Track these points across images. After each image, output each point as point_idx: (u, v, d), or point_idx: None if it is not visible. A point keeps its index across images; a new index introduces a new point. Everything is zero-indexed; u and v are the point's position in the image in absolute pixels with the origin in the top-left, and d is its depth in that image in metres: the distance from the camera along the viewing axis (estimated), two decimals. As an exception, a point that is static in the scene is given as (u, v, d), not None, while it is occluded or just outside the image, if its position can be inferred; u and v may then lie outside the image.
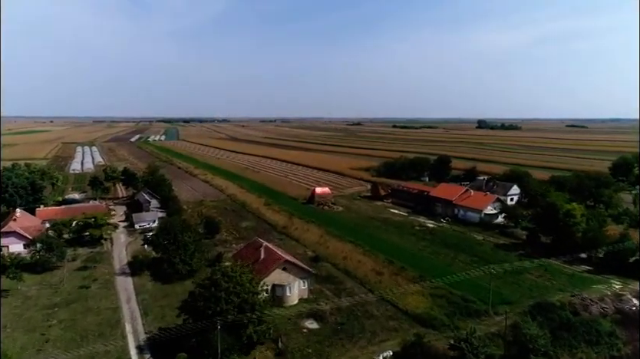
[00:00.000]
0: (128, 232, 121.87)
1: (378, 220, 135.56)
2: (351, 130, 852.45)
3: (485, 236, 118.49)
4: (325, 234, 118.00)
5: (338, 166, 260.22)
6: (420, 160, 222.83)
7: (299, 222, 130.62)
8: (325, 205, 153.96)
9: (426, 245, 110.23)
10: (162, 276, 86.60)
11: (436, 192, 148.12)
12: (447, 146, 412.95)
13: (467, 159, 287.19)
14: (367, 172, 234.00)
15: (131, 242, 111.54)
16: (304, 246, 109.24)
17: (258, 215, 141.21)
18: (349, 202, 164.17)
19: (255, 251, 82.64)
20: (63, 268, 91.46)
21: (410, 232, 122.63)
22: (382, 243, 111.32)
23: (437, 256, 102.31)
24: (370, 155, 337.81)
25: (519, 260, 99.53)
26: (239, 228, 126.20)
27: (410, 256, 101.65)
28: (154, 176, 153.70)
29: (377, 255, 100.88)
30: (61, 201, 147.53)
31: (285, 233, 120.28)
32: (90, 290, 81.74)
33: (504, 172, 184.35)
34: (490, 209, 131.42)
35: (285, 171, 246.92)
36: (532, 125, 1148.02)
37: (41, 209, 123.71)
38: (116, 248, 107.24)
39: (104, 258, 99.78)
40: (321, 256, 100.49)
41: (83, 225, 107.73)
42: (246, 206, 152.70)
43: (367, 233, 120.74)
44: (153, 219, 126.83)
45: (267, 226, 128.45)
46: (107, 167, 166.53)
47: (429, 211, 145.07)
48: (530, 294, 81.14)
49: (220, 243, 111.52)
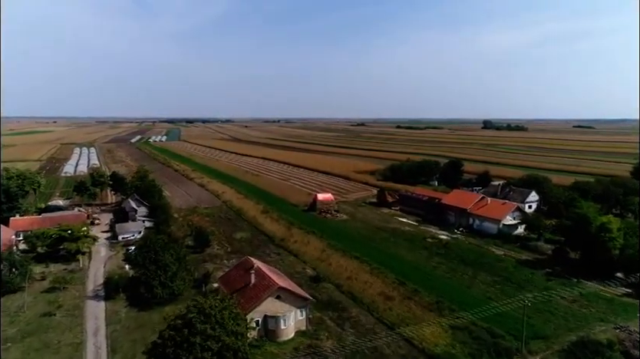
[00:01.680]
0: (110, 244, 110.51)
1: (386, 231, 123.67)
2: (355, 131, 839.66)
3: (505, 251, 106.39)
4: (327, 247, 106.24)
5: (341, 168, 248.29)
6: (428, 163, 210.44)
7: (299, 232, 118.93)
8: (328, 213, 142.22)
9: (440, 262, 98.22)
10: (139, 301, 75.26)
11: (448, 199, 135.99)
12: (453, 148, 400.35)
13: (477, 162, 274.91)
14: (372, 176, 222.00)
15: (112, 257, 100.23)
16: (303, 262, 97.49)
17: (254, 224, 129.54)
18: (354, 209, 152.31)
19: (245, 273, 70.98)
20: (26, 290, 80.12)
21: (421, 245, 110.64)
22: (391, 259, 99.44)
23: (453, 275, 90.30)
24: (375, 157, 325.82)
25: (548, 280, 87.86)
26: (233, 240, 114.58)
27: (423, 276, 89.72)
28: (143, 181, 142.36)
29: (386, 274, 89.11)
30: (44, 208, 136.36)
31: (283, 246, 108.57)
32: (53, 319, 70.35)
33: (521, 177, 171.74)
34: (509, 219, 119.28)
35: (286, 174, 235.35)
36: (537, 126, 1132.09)
37: (16, 219, 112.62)
38: (93, 265, 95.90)
39: (78, 277, 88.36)
40: (322, 275, 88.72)
41: (57, 238, 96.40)
42: (242, 214, 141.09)
43: (374, 247, 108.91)
44: (138, 229, 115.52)
45: (263, 238, 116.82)
46: (94, 171, 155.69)
47: (441, 220, 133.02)
48: (567, 326, 69.28)
49: (210, 258, 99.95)
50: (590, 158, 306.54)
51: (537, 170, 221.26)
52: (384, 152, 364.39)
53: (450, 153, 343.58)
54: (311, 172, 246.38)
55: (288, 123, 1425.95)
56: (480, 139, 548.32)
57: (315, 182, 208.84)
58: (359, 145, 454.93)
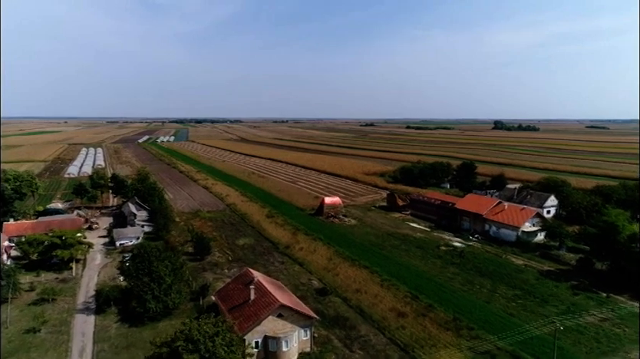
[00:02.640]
0: (107, 250, 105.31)
1: (397, 237, 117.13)
2: (364, 131, 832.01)
3: (525, 260, 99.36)
4: (335, 256, 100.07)
5: (350, 170, 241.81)
6: (440, 165, 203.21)
7: (305, 239, 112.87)
8: (335, 218, 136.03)
9: (456, 273, 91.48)
10: (131, 315, 69.68)
11: (463, 204, 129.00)
12: (464, 149, 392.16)
13: (490, 164, 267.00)
14: (382, 178, 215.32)
15: (107, 265, 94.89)
16: (309, 272, 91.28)
17: (258, 229, 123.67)
18: (363, 213, 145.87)
19: (245, 288, 65.09)
20: (13, 302, 75.09)
21: (435, 253, 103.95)
22: (403, 269, 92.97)
23: (470, 288, 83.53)
24: (384, 158, 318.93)
25: (574, 294, 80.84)
26: (235, 246, 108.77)
27: (438, 288, 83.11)
28: (144, 184, 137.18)
29: (398, 286, 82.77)
30: (42, 211, 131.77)
31: (287, 254, 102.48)
32: (37, 336, 64.94)
33: (538, 180, 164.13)
34: (528, 226, 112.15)
35: (293, 176, 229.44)
36: (549, 126, 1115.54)
37: (9, 224, 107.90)
38: (87, 273, 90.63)
39: (69, 287, 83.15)
40: (329, 287, 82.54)
41: (49, 245, 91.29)
42: (246, 218, 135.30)
43: (385, 255, 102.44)
44: (137, 235, 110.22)
45: (268, 244, 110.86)
46: (95, 173, 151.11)
47: (455, 226, 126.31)
48: (599, 348, 62.39)
49: (210, 267, 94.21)
50: (608, 159, 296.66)
51: (554, 172, 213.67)
52: (394, 153, 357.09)
53: (461, 154, 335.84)
54: (318, 173, 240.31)
55: (296, 124, 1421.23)
56: (491, 139, 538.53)
57: (323, 184, 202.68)
58: (368, 146, 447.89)
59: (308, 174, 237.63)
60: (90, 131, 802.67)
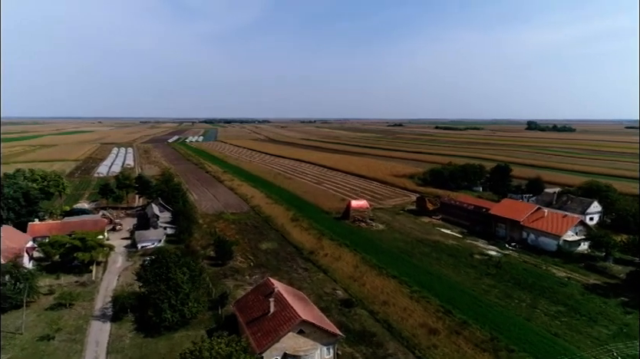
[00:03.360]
0: (129, 253, 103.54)
1: (427, 244, 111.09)
2: (392, 132, 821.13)
3: (568, 272, 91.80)
4: (361, 263, 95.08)
5: (378, 172, 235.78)
6: (472, 168, 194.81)
7: (330, 244, 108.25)
8: (362, 222, 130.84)
9: (492, 285, 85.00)
10: (147, 324, 66.69)
11: (498, 209, 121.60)
12: (497, 150, 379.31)
13: (524, 166, 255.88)
14: (411, 180, 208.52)
15: (127, 268, 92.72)
16: (334, 281, 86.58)
17: (282, 233, 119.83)
18: (391, 217, 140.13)
19: (264, 299, 61.03)
20: (30, 306, 73.56)
21: (468, 262, 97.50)
22: (434, 280, 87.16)
23: (508, 303, 77.01)
24: (413, 159, 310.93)
25: (625, 313, 73.35)
26: (258, 251, 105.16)
27: (472, 302, 77.01)
28: (168, 185, 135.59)
29: (429, 298, 77.15)
30: (69, 211, 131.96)
31: (311, 260, 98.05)
32: (51, 344, 62.66)
33: (579, 185, 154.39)
34: (571, 235, 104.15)
35: (319, 177, 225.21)
36: (586, 126, 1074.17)
37: (34, 224, 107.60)
38: (106, 277, 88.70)
39: (87, 291, 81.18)
40: (355, 298, 77.74)
41: (70, 247, 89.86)
42: (270, 221, 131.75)
43: (414, 264, 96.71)
44: (159, 237, 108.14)
45: (291, 249, 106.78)
46: (120, 173, 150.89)
47: (489, 233, 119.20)
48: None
49: (231, 273, 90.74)
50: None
51: (594, 176, 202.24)
52: (423, 154, 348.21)
53: (493, 155, 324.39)
54: (345, 175, 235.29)
55: (324, 124, 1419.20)
56: (524, 140, 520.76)
57: (350, 186, 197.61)
58: (396, 146, 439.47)
59: (334, 175, 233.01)
60: (123, 131, 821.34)
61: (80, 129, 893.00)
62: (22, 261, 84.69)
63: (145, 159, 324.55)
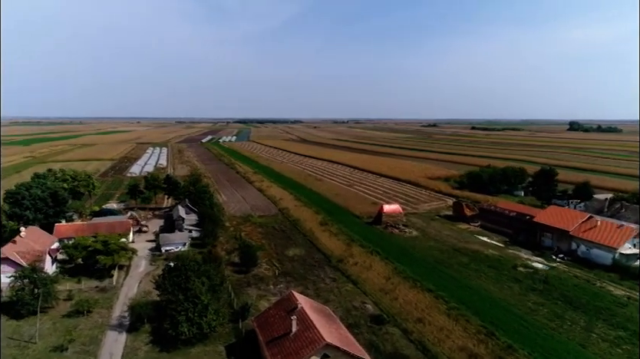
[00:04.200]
0: (152, 257, 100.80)
1: (465, 253, 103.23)
2: (426, 132, 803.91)
3: (626, 290, 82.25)
4: (394, 274, 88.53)
5: (411, 174, 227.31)
6: (513, 171, 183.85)
7: (360, 252, 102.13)
8: (395, 228, 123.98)
9: (539, 302, 76.77)
10: (164, 336, 62.68)
11: (544, 217, 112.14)
12: (538, 152, 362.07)
13: (568, 169, 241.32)
14: (446, 183, 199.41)
15: (149, 273, 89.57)
16: (363, 293, 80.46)
17: (310, 238, 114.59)
18: (425, 223, 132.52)
19: (287, 316, 55.80)
20: (48, 313, 71.19)
21: (511, 275, 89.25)
22: (474, 295, 79.69)
23: (559, 324, 68.80)
24: (448, 161, 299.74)
25: (698, 341, 63.78)
26: (284, 258, 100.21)
27: (518, 322, 69.24)
28: (195, 186, 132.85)
29: (469, 317, 69.86)
30: (97, 211, 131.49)
31: (340, 269, 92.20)
32: (63, 355, 59.51)
33: (633, 191, 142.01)
34: (628, 247, 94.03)
35: (351, 179, 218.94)
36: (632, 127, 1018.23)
37: (61, 225, 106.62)
38: (127, 282, 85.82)
39: (107, 297, 78.36)
40: (386, 313, 71.45)
41: (93, 250, 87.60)
42: (298, 225, 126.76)
43: (451, 276, 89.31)
44: (183, 241, 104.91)
45: (319, 256, 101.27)
46: (149, 174, 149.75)
47: (533, 242, 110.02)
48: None
49: (255, 281, 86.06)
50: None
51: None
52: (459, 155, 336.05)
53: (534, 157, 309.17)
54: (377, 177, 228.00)
55: (356, 124, 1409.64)
56: (568, 142, 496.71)
57: (382, 189, 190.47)
58: (431, 147, 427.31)
59: (366, 177, 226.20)
60: (159, 131, 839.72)
61: (119, 129, 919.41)
62: (43, 264, 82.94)
63: (178, 159, 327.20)
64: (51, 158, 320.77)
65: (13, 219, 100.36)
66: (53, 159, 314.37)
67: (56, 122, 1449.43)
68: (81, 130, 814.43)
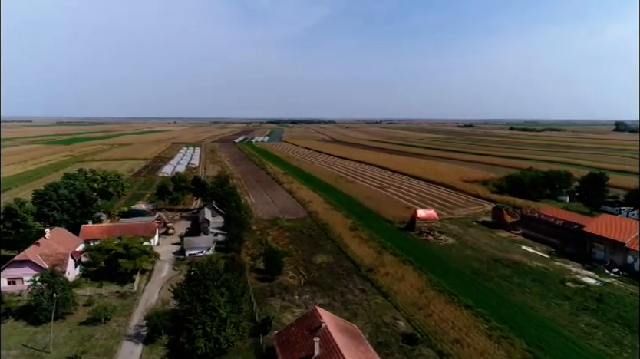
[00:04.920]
0: (176, 261, 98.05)
1: (507, 265, 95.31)
2: (463, 133, 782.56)
3: (694, 312, 72.74)
4: (428, 286, 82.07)
5: (447, 176, 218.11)
6: (557, 175, 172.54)
7: (392, 261, 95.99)
8: (430, 235, 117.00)
9: (593, 324, 68.65)
10: (181, 349, 58.94)
11: (595, 226, 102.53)
12: (582, 154, 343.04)
13: (619, 173, 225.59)
14: (484, 187, 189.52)
15: (172, 278, 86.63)
16: (395, 308, 74.43)
17: (339, 244, 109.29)
18: (462, 230, 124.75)
19: (309, 335, 50.82)
20: (66, 319, 68.97)
21: (560, 291, 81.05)
22: (518, 313, 72.31)
23: (617, 351, 60.76)
24: (486, 163, 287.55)
25: None
26: (311, 265, 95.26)
27: (569, 348, 61.64)
28: (222, 188, 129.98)
29: (512, 340, 62.77)
30: (126, 212, 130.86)
31: (370, 280, 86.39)
32: (75, 367, 56.74)
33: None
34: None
35: (383, 181, 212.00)
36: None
37: (87, 226, 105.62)
38: (149, 288, 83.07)
39: (126, 304, 75.64)
40: (420, 332, 65.33)
41: (115, 254, 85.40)
42: (328, 230, 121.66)
43: (492, 290, 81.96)
44: (207, 245, 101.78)
45: (348, 265, 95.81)
46: (177, 175, 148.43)
47: (583, 254, 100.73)
48: None
49: (279, 291, 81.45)
50: None
51: None
52: (497, 157, 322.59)
53: (578, 160, 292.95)
54: (411, 179, 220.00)
55: (390, 124, 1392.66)
56: (614, 143, 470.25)
57: (415, 192, 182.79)
58: (467, 149, 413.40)
59: (399, 179, 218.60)
60: (194, 131, 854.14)
61: (156, 129, 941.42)
62: (65, 267, 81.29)
63: (210, 159, 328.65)
64: (88, 157, 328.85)
65: (40, 219, 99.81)
66: (90, 158, 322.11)
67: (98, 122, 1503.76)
68: (120, 130, 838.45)
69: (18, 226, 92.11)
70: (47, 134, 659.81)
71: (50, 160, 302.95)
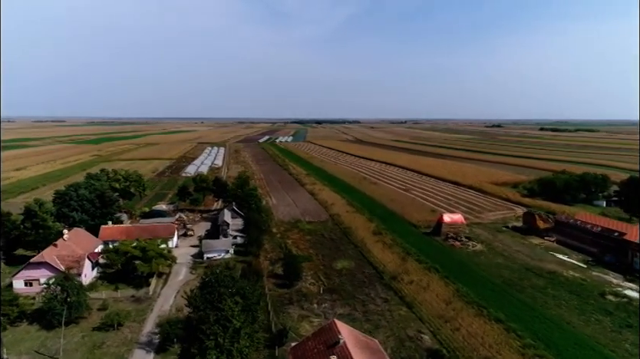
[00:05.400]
0: (195, 263, 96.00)
1: (540, 274, 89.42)
2: (490, 133, 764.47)
3: None
4: (455, 297, 77.28)
5: (474, 178, 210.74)
6: (593, 178, 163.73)
7: (417, 268, 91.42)
8: (457, 240, 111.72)
9: (637, 343, 62.70)
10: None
11: (638, 234, 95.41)
12: (620, 156, 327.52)
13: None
14: (514, 190, 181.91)
15: (189, 282, 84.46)
16: (419, 320, 70.04)
17: (362, 249, 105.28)
18: (491, 235, 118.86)
19: (326, 351, 47.18)
20: (80, 324, 67.38)
21: (599, 306, 74.97)
22: (554, 329, 66.85)
23: (669, 377, 54.98)
24: (516, 165, 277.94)
25: None
26: (332, 271, 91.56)
27: (613, 371, 56.14)
28: (243, 190, 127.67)
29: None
30: (147, 213, 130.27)
31: (393, 288, 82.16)
32: (84, 376, 54.75)
33: None
34: None
35: (408, 183, 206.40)
36: None
37: (106, 227, 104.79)
38: (165, 292, 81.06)
39: (141, 309, 73.72)
40: (447, 347, 60.89)
41: (131, 257, 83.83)
42: (350, 234, 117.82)
43: (525, 302, 76.49)
44: (226, 248, 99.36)
45: (370, 271, 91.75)
46: (198, 176, 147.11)
47: (625, 265, 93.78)
48: None
49: (298, 298, 78.09)
50: None
51: None
52: (527, 159, 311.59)
53: (614, 162, 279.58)
54: (437, 181, 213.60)
55: (415, 124, 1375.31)
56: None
57: (441, 194, 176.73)
58: (495, 150, 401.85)
59: (424, 181, 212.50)
60: (220, 131, 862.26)
61: (183, 129, 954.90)
62: (81, 269, 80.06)
63: (233, 159, 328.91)
64: (115, 156, 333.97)
65: (60, 220, 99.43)
66: (117, 157, 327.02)
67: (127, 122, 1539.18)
68: (147, 130, 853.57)
69: (38, 227, 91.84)
70: (76, 134, 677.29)
71: (78, 160, 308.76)
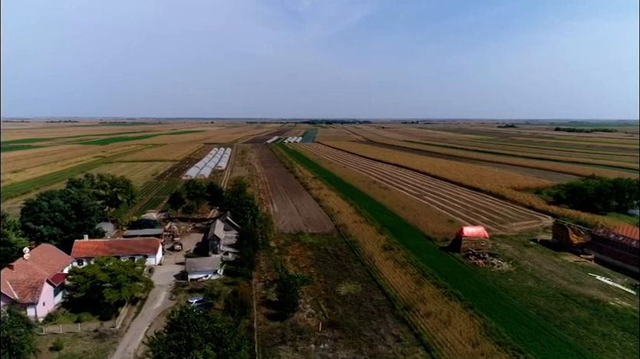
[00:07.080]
0: (177, 285, 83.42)
1: (582, 303, 75.26)
2: (505, 134, 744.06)
3: None
4: (483, 334, 63.55)
5: (492, 183, 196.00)
6: (628, 183, 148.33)
7: (434, 293, 77.87)
8: (479, 258, 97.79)
9: None
10: None
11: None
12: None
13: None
14: (538, 197, 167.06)
15: (167, 311, 71.79)
16: (440, 367, 56.60)
17: (370, 268, 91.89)
18: (518, 251, 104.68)
19: None
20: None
21: (663, 350, 60.74)
22: (612, 386, 52.90)
23: None
24: (536, 167, 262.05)
25: None
26: (335, 297, 78.33)
27: None
28: (238, 198, 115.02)
29: None
30: (134, 222, 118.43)
31: (407, 322, 68.67)
32: None
33: None
34: None
35: (421, 188, 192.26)
36: None
37: (80, 242, 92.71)
38: (134, 325, 68.43)
39: (102, 349, 61.17)
40: (476, 412, 47.26)
41: (97, 282, 71.42)
42: (357, 249, 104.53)
43: (568, 343, 62.46)
44: (213, 268, 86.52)
45: (380, 298, 78.33)
46: (190, 182, 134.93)
47: (682, 291, 79.10)
48: None
49: (292, 335, 64.85)
50: None
51: None
52: (548, 161, 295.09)
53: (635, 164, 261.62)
54: (452, 185, 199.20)
55: (427, 124, 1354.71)
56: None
57: (458, 201, 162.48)
58: (512, 151, 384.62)
59: (439, 186, 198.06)
60: (229, 131, 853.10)
61: (193, 129, 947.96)
62: (37, 296, 67.92)
63: (239, 161, 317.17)
64: (117, 158, 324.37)
65: (27, 234, 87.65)
66: (119, 158, 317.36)
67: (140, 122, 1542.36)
68: (158, 130, 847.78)
69: (-1, 243, 79.99)
70: (87, 134, 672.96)
71: (80, 161, 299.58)
